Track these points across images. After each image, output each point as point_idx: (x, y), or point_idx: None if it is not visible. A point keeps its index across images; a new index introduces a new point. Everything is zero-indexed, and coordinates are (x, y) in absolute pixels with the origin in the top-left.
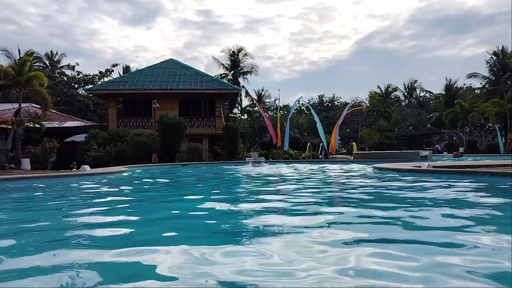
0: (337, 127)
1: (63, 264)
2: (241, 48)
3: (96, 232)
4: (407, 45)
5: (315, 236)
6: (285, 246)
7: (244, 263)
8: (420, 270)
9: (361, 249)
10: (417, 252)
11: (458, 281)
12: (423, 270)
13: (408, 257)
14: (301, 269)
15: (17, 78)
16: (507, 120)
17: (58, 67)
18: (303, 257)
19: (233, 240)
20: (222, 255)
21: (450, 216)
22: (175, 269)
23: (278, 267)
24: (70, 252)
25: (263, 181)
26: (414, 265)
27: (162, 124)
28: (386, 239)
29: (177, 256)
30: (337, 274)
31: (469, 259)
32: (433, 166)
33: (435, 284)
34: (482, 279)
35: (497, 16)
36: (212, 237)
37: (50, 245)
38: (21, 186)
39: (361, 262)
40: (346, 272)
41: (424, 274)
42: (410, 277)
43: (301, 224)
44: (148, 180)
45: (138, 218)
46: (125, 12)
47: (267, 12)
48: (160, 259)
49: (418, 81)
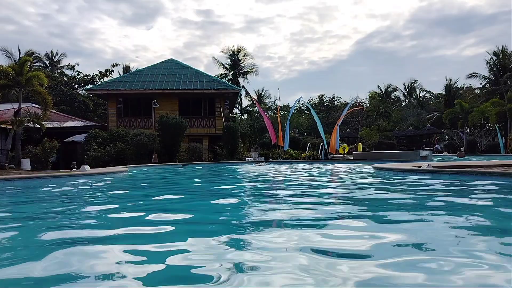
0: (337, 127)
1: (64, 265)
2: (241, 48)
3: (96, 232)
4: (407, 45)
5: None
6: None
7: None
8: (420, 269)
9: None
10: (417, 252)
11: (458, 282)
12: (423, 270)
13: (408, 256)
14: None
15: (17, 78)
16: (507, 120)
17: (58, 67)
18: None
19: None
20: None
21: (450, 216)
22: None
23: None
24: (69, 253)
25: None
26: (414, 265)
27: (162, 124)
28: (385, 239)
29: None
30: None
31: (470, 258)
32: (433, 166)
33: (435, 284)
34: (482, 280)
35: (498, 16)
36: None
37: (50, 245)
38: (21, 186)
39: (359, 270)
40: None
41: (424, 274)
42: (409, 277)
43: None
44: (153, 179)
45: (138, 217)
46: (125, 12)
47: (267, 12)
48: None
49: (418, 81)
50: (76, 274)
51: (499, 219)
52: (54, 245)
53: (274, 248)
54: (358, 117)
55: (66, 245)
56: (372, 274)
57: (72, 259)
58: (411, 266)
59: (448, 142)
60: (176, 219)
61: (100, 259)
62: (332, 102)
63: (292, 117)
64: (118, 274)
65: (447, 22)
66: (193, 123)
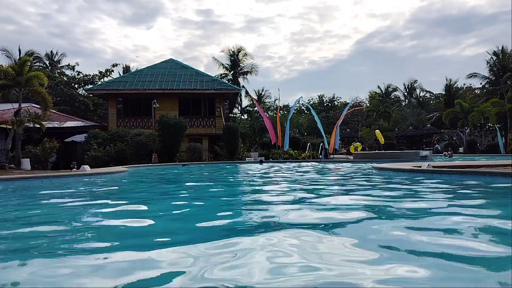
0: (337, 127)
1: (65, 265)
2: (241, 48)
3: (96, 232)
4: (407, 44)
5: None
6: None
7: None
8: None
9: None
10: (416, 253)
11: (458, 282)
12: (422, 270)
13: (408, 256)
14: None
15: (17, 78)
16: (507, 120)
17: (58, 67)
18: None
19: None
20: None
21: (449, 216)
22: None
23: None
24: (69, 253)
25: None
26: (413, 265)
27: (162, 124)
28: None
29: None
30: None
31: (470, 258)
32: (433, 166)
33: (436, 284)
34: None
35: (498, 16)
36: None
37: (50, 246)
38: (21, 186)
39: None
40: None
41: (424, 274)
42: (409, 277)
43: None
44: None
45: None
46: (125, 12)
47: (268, 11)
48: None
49: (418, 81)
50: (76, 274)
51: (499, 219)
52: (54, 244)
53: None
54: (358, 117)
55: (66, 244)
56: (379, 277)
57: (72, 259)
58: (411, 266)
59: (448, 142)
60: (177, 220)
61: (100, 259)
62: (332, 102)
63: (292, 117)
64: (118, 274)
65: (447, 22)
66: (193, 123)
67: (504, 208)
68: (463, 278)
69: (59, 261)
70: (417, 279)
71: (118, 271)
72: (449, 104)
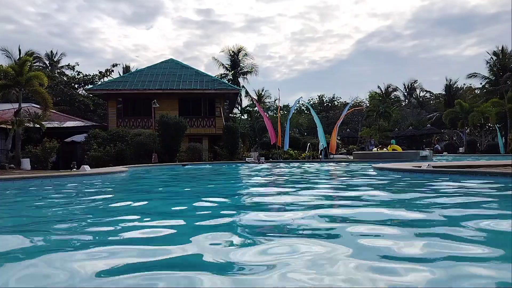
0: (337, 127)
1: (65, 265)
2: (241, 48)
3: (95, 232)
4: (408, 44)
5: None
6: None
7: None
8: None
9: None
10: (416, 253)
11: (458, 282)
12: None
13: (409, 256)
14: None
15: (17, 78)
16: (507, 120)
17: (58, 67)
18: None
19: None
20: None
21: (449, 216)
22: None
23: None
24: (69, 253)
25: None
26: (413, 265)
27: (162, 124)
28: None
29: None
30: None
31: (469, 258)
32: (433, 166)
33: (437, 284)
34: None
35: (500, 15)
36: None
37: (50, 246)
38: (21, 186)
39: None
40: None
41: (424, 274)
42: (409, 277)
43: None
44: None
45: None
46: (125, 11)
47: (268, 11)
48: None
49: (418, 81)
50: (75, 275)
51: (499, 219)
52: (54, 244)
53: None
54: (358, 117)
55: (66, 245)
56: (379, 277)
57: (72, 259)
58: (411, 266)
59: (448, 142)
60: (177, 220)
61: (100, 260)
62: (332, 102)
63: (292, 117)
64: (117, 275)
65: (448, 21)
66: (193, 123)
67: (504, 208)
68: (463, 278)
69: (59, 261)
70: (417, 279)
71: (118, 271)
72: (449, 104)
